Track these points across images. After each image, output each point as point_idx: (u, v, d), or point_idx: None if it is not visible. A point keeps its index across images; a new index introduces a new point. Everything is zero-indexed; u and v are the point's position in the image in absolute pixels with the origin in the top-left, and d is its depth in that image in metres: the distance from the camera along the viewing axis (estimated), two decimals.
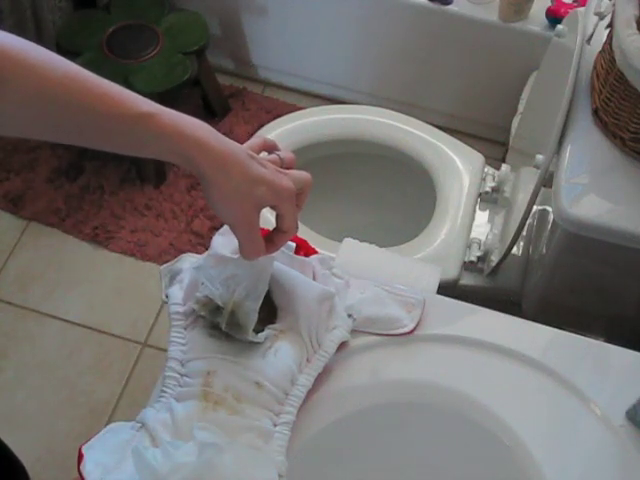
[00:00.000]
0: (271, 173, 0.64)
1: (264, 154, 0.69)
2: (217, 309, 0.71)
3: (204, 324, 0.73)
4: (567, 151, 1.06)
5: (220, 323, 0.71)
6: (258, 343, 0.71)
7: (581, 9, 1.17)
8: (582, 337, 0.81)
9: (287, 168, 0.68)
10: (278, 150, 0.70)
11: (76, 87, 0.57)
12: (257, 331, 0.72)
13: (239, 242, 0.65)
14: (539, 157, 1.06)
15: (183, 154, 0.60)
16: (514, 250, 1.23)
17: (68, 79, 0.57)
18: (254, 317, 0.70)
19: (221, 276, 0.71)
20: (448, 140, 1.38)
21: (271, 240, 0.68)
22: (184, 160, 0.60)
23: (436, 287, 0.83)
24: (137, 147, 0.61)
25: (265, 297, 0.73)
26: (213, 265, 0.72)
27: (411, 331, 0.78)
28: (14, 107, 0.56)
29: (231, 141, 0.63)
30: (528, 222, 1.18)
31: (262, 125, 1.43)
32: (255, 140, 0.70)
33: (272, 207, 0.65)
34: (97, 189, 1.81)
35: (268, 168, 0.64)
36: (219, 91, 1.93)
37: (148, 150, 0.61)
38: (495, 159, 1.68)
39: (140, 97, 0.60)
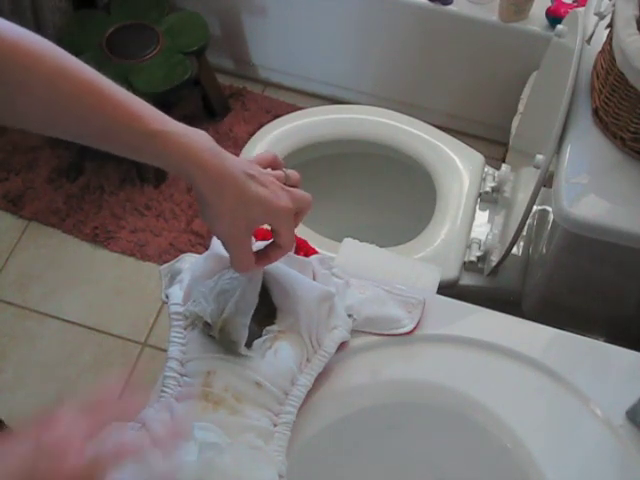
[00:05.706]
0: (269, 192, 0.64)
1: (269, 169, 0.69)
2: (208, 325, 0.71)
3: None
4: (567, 151, 1.06)
5: (213, 336, 0.71)
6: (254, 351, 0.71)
7: (581, 9, 1.17)
8: (582, 337, 0.80)
9: (291, 186, 0.68)
10: (284, 167, 0.71)
11: (89, 95, 0.59)
12: (255, 335, 0.72)
13: (230, 257, 0.67)
14: (539, 157, 1.06)
15: (184, 172, 0.62)
16: (514, 250, 1.22)
17: (83, 85, 0.59)
18: (245, 332, 0.70)
19: (213, 292, 0.71)
20: (448, 140, 1.38)
21: (266, 254, 0.69)
22: (185, 177, 0.62)
23: (436, 287, 0.83)
24: (139, 157, 0.63)
25: (264, 297, 0.73)
26: (207, 276, 0.73)
27: (411, 331, 0.78)
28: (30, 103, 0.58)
29: (232, 159, 0.63)
30: (528, 222, 1.17)
31: (262, 125, 1.42)
32: (266, 155, 0.70)
33: (269, 224, 0.66)
34: (97, 189, 1.81)
35: (268, 186, 0.64)
36: (219, 91, 1.93)
37: (150, 161, 0.62)
38: (495, 159, 1.68)
39: (148, 109, 0.61)
